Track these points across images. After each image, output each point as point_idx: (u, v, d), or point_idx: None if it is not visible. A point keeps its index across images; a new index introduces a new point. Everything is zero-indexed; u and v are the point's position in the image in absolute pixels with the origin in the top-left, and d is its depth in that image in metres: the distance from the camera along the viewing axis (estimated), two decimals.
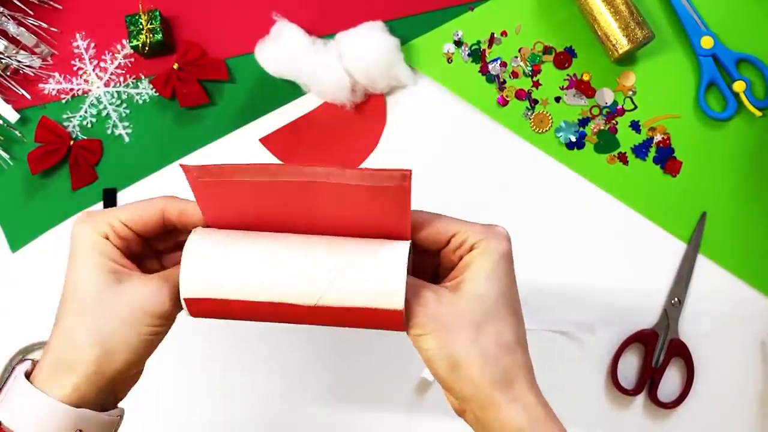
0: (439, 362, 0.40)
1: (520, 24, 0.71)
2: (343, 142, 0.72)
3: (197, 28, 0.73)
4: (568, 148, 0.70)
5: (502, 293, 0.41)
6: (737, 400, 0.68)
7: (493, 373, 0.39)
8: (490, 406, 0.40)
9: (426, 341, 0.40)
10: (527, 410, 0.40)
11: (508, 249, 0.42)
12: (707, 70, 0.68)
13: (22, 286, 0.74)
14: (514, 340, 0.41)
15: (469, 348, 0.39)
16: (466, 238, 0.42)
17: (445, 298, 0.40)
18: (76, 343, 0.42)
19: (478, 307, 0.40)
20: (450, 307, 0.40)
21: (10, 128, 0.74)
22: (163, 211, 0.44)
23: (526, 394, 0.40)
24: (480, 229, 0.42)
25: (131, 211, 0.44)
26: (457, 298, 0.40)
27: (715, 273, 0.69)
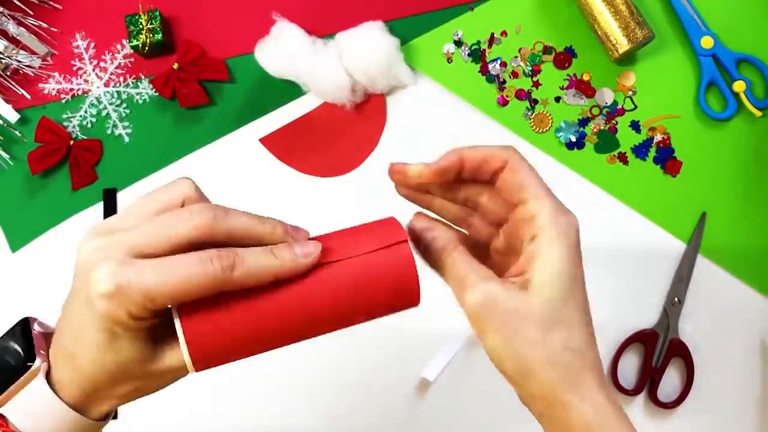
0: (504, 361, 0.39)
1: (520, 24, 0.71)
2: (343, 142, 0.72)
3: (197, 28, 0.73)
4: (568, 148, 0.70)
5: (571, 294, 0.39)
6: (737, 400, 0.68)
7: (560, 375, 0.39)
8: (558, 404, 0.39)
9: (492, 339, 0.39)
10: (596, 410, 0.39)
11: (576, 240, 0.39)
12: (707, 70, 0.68)
13: (22, 286, 0.74)
14: (584, 342, 0.39)
15: (536, 350, 0.38)
16: (535, 216, 0.39)
17: (512, 296, 0.39)
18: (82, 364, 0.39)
19: (548, 310, 0.38)
20: (518, 305, 0.38)
21: (10, 128, 0.74)
22: None
23: (595, 395, 0.39)
24: (550, 208, 0.39)
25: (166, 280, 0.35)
26: (525, 298, 0.39)
27: (715, 273, 0.69)
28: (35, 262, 0.74)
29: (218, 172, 0.73)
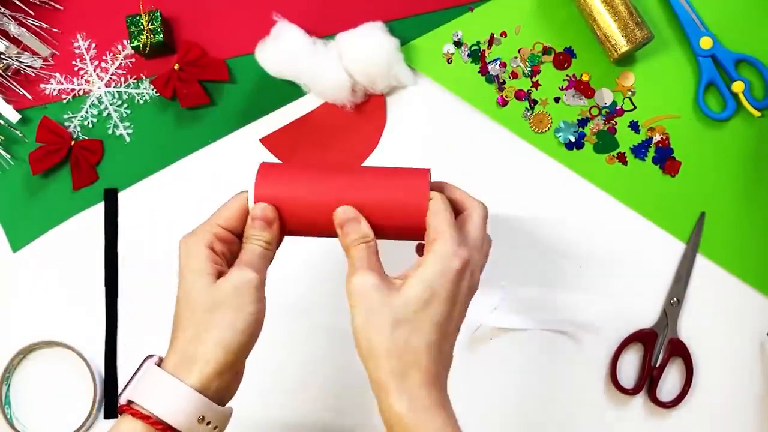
0: (360, 341, 0.47)
1: (519, 25, 0.71)
2: (343, 142, 0.72)
3: (198, 28, 0.73)
4: (568, 149, 0.70)
5: (428, 305, 0.47)
6: (737, 400, 0.68)
7: (392, 365, 0.46)
8: (382, 389, 0.46)
9: (356, 319, 0.48)
10: (412, 402, 0.46)
11: (458, 268, 0.48)
12: (706, 70, 0.68)
13: (23, 286, 0.74)
14: (424, 346, 0.46)
15: (381, 338, 0.46)
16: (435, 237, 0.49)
17: (383, 289, 0.47)
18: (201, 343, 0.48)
19: (402, 309, 0.47)
20: (383, 299, 0.47)
21: (11, 128, 0.74)
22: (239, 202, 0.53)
23: (417, 390, 0.46)
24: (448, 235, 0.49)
25: (223, 213, 0.53)
26: (393, 294, 0.47)
27: (715, 273, 0.69)
28: (36, 262, 0.74)
29: (218, 172, 0.73)
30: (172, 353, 0.49)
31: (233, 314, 0.48)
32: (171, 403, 0.47)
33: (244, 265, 0.50)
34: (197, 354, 0.48)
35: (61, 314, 0.73)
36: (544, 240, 0.70)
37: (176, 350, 0.49)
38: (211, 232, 0.51)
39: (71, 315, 0.73)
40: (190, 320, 0.49)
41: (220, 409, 0.49)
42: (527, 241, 0.70)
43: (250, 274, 0.49)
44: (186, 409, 0.47)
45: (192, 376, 0.48)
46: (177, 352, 0.49)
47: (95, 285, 0.73)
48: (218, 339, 0.48)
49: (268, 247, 0.52)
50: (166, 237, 0.73)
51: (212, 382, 0.48)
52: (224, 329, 0.48)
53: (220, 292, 0.49)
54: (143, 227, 0.73)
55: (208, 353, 0.48)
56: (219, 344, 0.48)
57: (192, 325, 0.49)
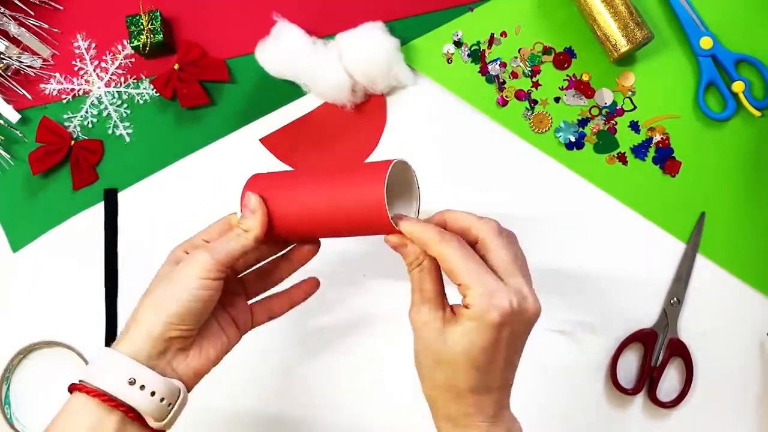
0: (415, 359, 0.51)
1: (519, 24, 0.71)
2: (343, 142, 0.72)
3: (198, 28, 0.73)
4: (568, 149, 0.70)
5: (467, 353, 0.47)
6: (737, 400, 0.68)
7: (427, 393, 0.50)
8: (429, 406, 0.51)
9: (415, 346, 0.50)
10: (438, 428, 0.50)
11: (497, 321, 0.46)
12: (706, 70, 0.68)
13: (23, 286, 0.74)
14: (462, 389, 0.48)
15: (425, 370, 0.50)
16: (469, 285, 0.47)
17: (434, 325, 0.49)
18: (137, 310, 0.51)
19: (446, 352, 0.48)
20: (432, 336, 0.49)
21: (11, 128, 0.74)
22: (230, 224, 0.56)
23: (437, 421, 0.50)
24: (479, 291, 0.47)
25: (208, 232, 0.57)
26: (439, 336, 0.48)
27: (715, 273, 0.69)
28: (36, 262, 0.74)
29: (218, 172, 0.73)
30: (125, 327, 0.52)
31: (170, 287, 0.51)
32: (103, 369, 0.49)
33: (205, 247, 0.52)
34: (131, 324, 0.51)
35: (61, 314, 0.73)
36: (544, 240, 0.70)
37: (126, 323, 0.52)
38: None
39: (71, 315, 0.73)
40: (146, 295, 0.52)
41: (158, 377, 0.49)
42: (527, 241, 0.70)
43: (202, 255, 0.51)
44: (115, 371, 0.48)
45: (122, 342, 0.50)
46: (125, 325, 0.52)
47: (95, 285, 0.73)
48: (151, 303, 0.51)
49: (243, 234, 0.53)
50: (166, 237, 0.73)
51: (143, 345, 0.49)
52: (159, 297, 0.50)
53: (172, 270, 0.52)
54: (143, 227, 0.73)
55: (139, 318, 0.50)
56: (150, 311, 0.50)
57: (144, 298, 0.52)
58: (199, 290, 0.50)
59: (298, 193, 0.54)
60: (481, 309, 0.46)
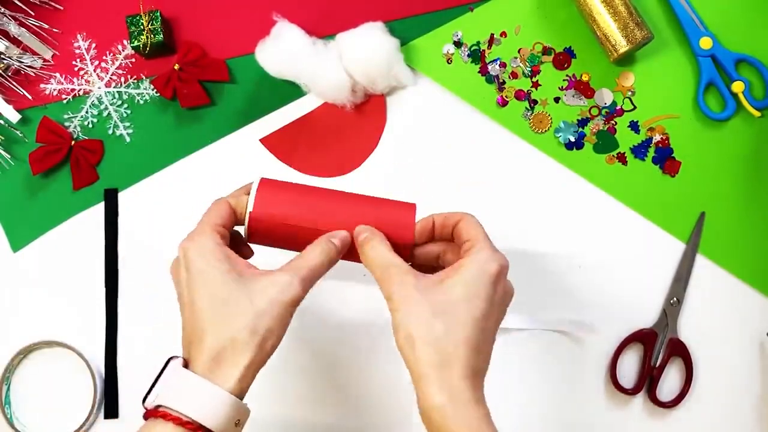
0: (399, 331, 0.48)
1: (519, 25, 0.71)
2: (343, 142, 0.72)
3: (198, 28, 0.73)
4: (568, 149, 0.70)
5: (468, 300, 0.48)
6: (736, 400, 0.68)
7: (432, 356, 0.46)
8: (422, 380, 0.46)
9: (395, 315, 0.48)
10: (452, 393, 0.45)
11: (495, 271, 0.49)
12: (706, 70, 0.68)
13: (23, 286, 0.74)
14: (463, 339, 0.47)
15: (420, 328, 0.47)
16: (471, 247, 0.51)
17: (421, 285, 0.49)
18: (236, 343, 0.47)
19: (443, 303, 0.47)
20: (422, 293, 0.48)
21: (12, 128, 0.74)
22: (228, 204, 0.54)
23: (457, 381, 0.46)
24: (486, 244, 0.51)
25: (217, 213, 0.52)
26: (433, 289, 0.48)
27: (715, 273, 0.69)
28: (36, 262, 0.74)
29: (219, 172, 0.73)
30: (200, 354, 0.47)
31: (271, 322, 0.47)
32: (210, 408, 0.45)
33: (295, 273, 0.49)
34: (235, 356, 0.46)
35: (61, 314, 0.73)
36: (544, 240, 0.70)
37: (205, 351, 0.47)
38: (212, 229, 0.51)
39: (71, 315, 0.73)
40: (222, 320, 0.47)
41: (246, 408, 0.48)
42: (527, 241, 0.70)
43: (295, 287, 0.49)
44: (226, 414, 0.46)
45: (231, 380, 0.46)
46: (207, 354, 0.47)
47: (95, 285, 0.73)
48: (258, 343, 0.47)
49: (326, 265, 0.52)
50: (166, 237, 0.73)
51: (248, 385, 0.47)
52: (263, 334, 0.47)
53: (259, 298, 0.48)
54: (143, 227, 0.73)
55: (247, 356, 0.46)
56: (258, 348, 0.47)
57: (224, 325, 0.47)
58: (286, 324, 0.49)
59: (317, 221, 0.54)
60: (485, 257, 0.49)
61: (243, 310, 0.47)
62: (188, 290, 0.49)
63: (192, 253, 0.49)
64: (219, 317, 0.47)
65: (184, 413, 0.45)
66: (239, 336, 0.47)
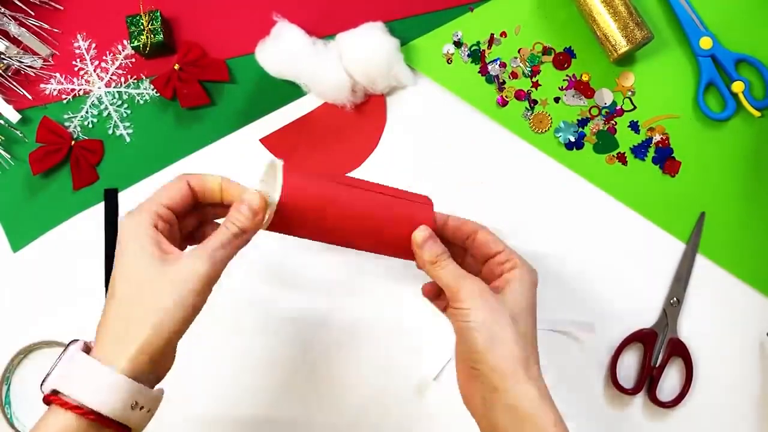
0: (479, 334, 0.51)
1: (519, 25, 0.71)
2: (343, 142, 0.72)
3: (198, 28, 0.73)
4: (568, 149, 0.70)
5: (529, 305, 0.54)
6: (736, 400, 0.68)
7: (520, 353, 0.51)
8: (512, 376, 0.50)
9: (473, 315, 0.51)
10: (539, 387, 0.51)
11: (536, 281, 0.56)
12: (706, 70, 0.68)
13: (23, 286, 0.74)
14: (532, 337, 0.54)
15: (506, 329, 0.51)
16: (511, 260, 0.56)
17: (491, 292, 0.53)
18: (132, 322, 0.47)
19: (515, 306, 0.53)
20: (494, 298, 0.53)
21: (12, 128, 0.74)
22: (188, 183, 0.53)
23: (538, 375, 0.52)
24: (518, 257, 0.56)
25: (167, 193, 0.52)
26: (503, 298, 0.53)
27: (715, 273, 0.69)
28: (36, 262, 0.74)
29: (219, 172, 0.73)
30: (102, 335, 0.47)
31: (173, 301, 0.47)
32: (103, 392, 0.45)
33: (203, 253, 0.49)
34: (128, 336, 0.46)
35: (61, 314, 0.73)
36: (544, 240, 0.70)
37: (107, 332, 0.47)
38: (155, 211, 0.50)
39: (71, 315, 0.73)
40: (126, 299, 0.47)
41: (152, 393, 0.48)
42: (527, 241, 0.70)
43: (204, 266, 0.48)
44: (120, 398, 0.45)
45: (124, 361, 0.46)
46: (108, 335, 0.47)
47: (95, 285, 0.73)
48: (154, 323, 0.46)
49: (241, 235, 0.51)
50: None
51: (144, 366, 0.46)
52: (161, 313, 0.47)
53: (163, 274, 0.47)
54: None
55: (140, 337, 0.46)
56: (154, 328, 0.46)
57: (127, 304, 0.47)
58: (199, 306, 0.48)
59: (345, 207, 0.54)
60: (527, 270, 0.55)
61: (147, 291, 0.47)
62: (116, 264, 0.49)
63: (126, 228, 0.50)
64: (124, 297, 0.48)
65: (77, 398, 0.45)
66: (135, 316, 0.47)
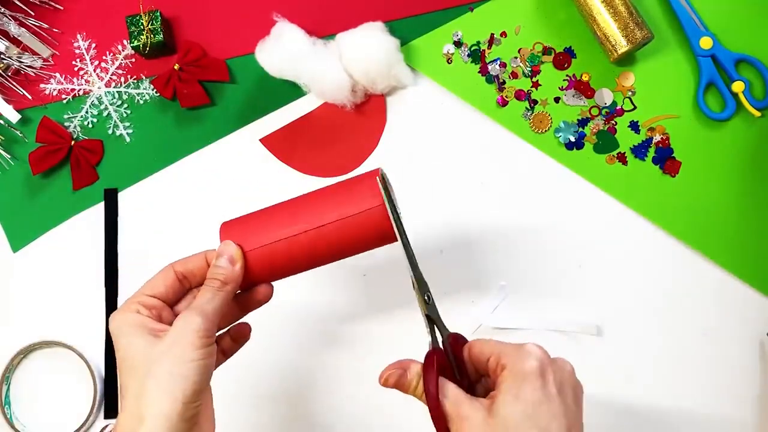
0: None
1: (519, 25, 0.71)
2: (343, 142, 0.72)
3: (198, 28, 0.73)
4: (568, 149, 0.70)
5: (526, 415, 0.43)
6: (737, 400, 0.68)
7: None
8: None
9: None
10: None
11: (535, 368, 0.44)
12: (706, 70, 0.68)
13: (23, 286, 0.74)
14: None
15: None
16: (499, 359, 0.46)
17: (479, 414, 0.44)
18: (144, 398, 0.46)
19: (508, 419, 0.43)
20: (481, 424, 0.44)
21: (12, 128, 0.74)
22: (174, 271, 0.52)
23: None
24: (510, 349, 0.46)
25: (150, 284, 0.52)
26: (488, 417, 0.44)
27: (715, 273, 0.69)
28: (36, 262, 0.74)
29: (219, 172, 0.73)
30: (122, 417, 0.47)
31: (175, 364, 0.46)
32: None
33: (192, 311, 0.49)
34: (144, 412, 0.46)
35: (61, 314, 0.73)
36: (544, 240, 0.70)
37: (125, 414, 0.47)
38: (136, 302, 0.50)
39: (71, 315, 0.73)
40: (134, 379, 0.47)
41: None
42: (527, 241, 0.70)
43: (194, 319, 0.48)
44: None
45: None
46: (127, 416, 0.47)
47: (95, 285, 0.73)
48: (162, 390, 0.46)
49: (223, 287, 0.50)
50: (166, 237, 0.73)
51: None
52: (167, 380, 0.46)
53: (160, 345, 0.47)
54: (143, 227, 0.73)
55: (153, 408, 0.46)
56: (164, 395, 0.46)
57: (135, 383, 0.47)
58: (203, 360, 0.47)
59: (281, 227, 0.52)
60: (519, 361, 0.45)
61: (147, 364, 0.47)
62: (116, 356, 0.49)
63: (114, 329, 0.49)
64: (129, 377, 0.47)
65: None
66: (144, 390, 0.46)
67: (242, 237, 0.52)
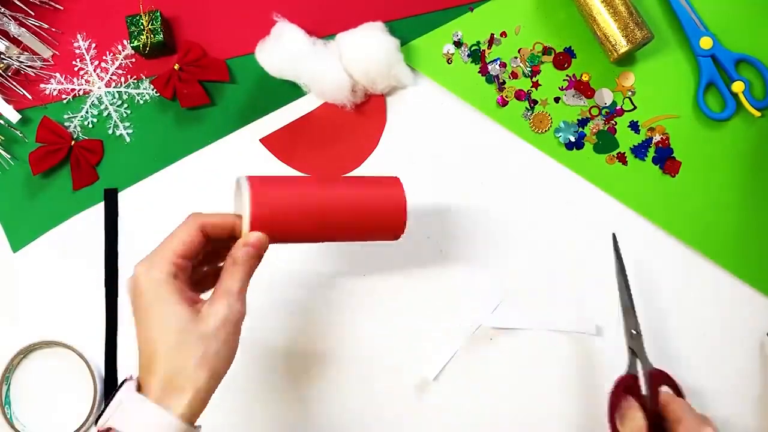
0: None
1: (519, 25, 0.71)
2: (343, 142, 0.72)
3: (198, 28, 0.73)
4: (568, 149, 0.70)
5: None
6: (737, 400, 0.68)
7: None
8: None
9: None
10: None
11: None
12: (706, 70, 0.68)
13: (24, 286, 0.74)
14: None
15: None
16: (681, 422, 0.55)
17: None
18: (186, 370, 0.48)
19: None
20: None
21: (12, 128, 0.74)
22: (200, 227, 0.52)
23: None
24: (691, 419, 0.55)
25: (180, 241, 0.52)
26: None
27: (715, 273, 0.69)
28: (36, 262, 0.74)
29: (219, 172, 0.73)
30: (153, 380, 0.48)
31: (220, 345, 0.49)
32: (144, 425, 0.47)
33: (231, 296, 0.51)
34: (185, 383, 0.48)
35: (61, 314, 0.73)
36: (544, 240, 0.70)
37: (158, 378, 0.48)
38: (171, 263, 0.51)
39: (71, 315, 0.73)
40: (173, 349, 0.48)
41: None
42: (527, 241, 0.70)
43: (236, 307, 0.50)
44: None
45: (180, 406, 0.47)
46: (159, 380, 0.48)
47: (95, 285, 0.73)
48: (209, 368, 0.48)
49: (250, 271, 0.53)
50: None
51: (199, 410, 0.48)
52: (213, 359, 0.49)
53: (206, 324, 0.49)
54: (143, 227, 0.73)
55: (198, 382, 0.48)
56: (209, 373, 0.48)
57: (176, 353, 0.48)
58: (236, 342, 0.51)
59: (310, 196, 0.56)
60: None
61: (192, 339, 0.49)
62: (142, 317, 0.50)
63: (144, 282, 0.50)
64: (169, 347, 0.49)
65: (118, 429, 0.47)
66: (188, 364, 0.48)
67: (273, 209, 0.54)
